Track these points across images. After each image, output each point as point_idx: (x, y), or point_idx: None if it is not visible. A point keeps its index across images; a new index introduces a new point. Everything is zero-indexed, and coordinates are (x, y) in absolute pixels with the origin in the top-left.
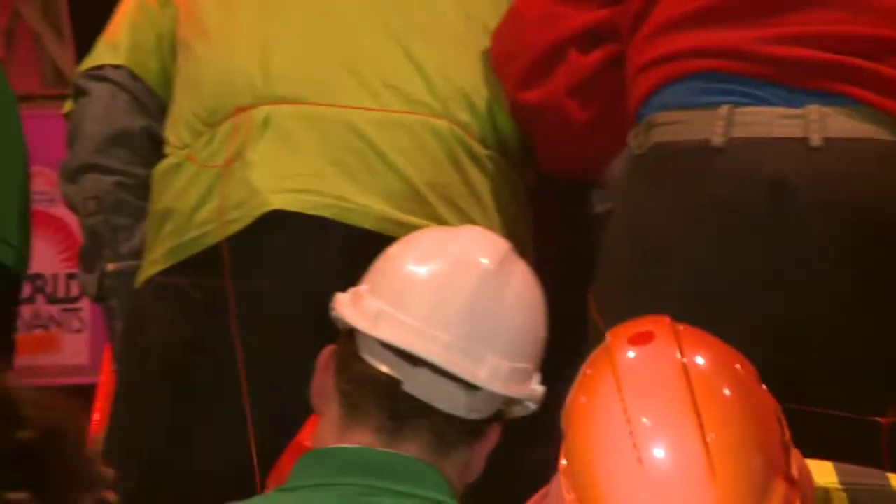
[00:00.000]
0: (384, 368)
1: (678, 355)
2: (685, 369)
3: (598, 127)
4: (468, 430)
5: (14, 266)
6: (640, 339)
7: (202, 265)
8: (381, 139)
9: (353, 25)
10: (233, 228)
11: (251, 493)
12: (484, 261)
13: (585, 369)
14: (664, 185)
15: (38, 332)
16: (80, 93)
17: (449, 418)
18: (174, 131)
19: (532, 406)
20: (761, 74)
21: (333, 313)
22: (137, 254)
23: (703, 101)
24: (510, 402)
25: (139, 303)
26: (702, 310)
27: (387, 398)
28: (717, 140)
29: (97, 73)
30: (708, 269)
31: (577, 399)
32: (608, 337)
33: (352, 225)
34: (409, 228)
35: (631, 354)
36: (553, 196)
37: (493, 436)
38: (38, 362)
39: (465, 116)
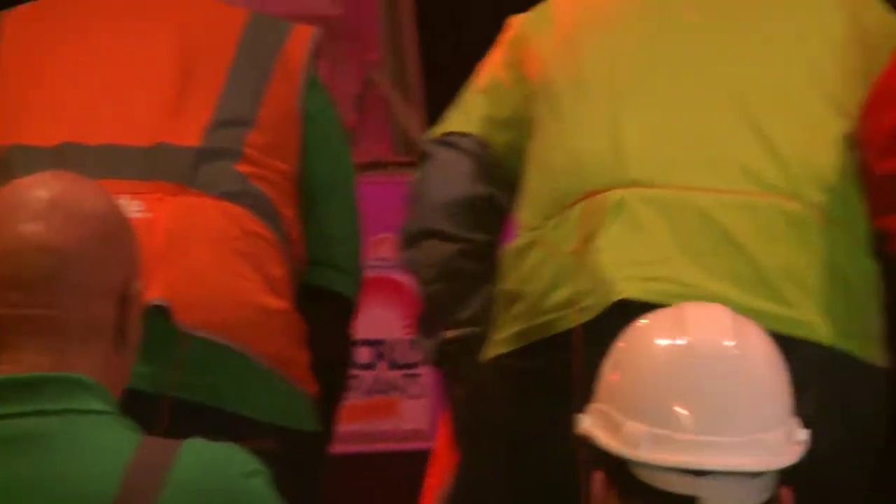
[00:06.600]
0: (676, 489)
1: None
2: None
3: None
4: None
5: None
6: None
7: (550, 351)
8: (732, 224)
9: (704, 104)
10: (585, 317)
11: None
12: (725, 342)
13: None
14: None
15: (377, 397)
16: (425, 157)
17: None
18: (524, 211)
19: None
20: None
21: (583, 435)
22: (476, 320)
23: None
24: None
25: (483, 378)
26: None
27: None
28: None
29: (445, 139)
30: None
31: None
32: None
33: None
34: (760, 315)
35: None
36: None
37: (786, 496)
38: (378, 427)
39: (818, 197)
